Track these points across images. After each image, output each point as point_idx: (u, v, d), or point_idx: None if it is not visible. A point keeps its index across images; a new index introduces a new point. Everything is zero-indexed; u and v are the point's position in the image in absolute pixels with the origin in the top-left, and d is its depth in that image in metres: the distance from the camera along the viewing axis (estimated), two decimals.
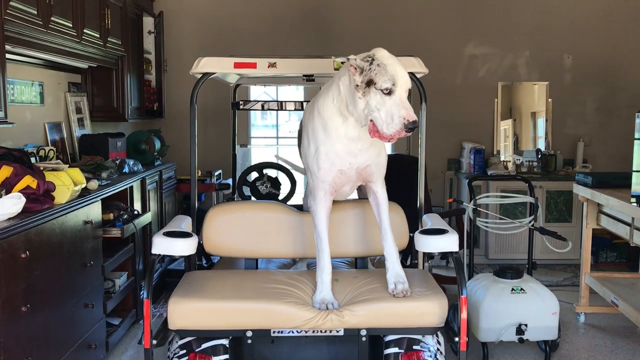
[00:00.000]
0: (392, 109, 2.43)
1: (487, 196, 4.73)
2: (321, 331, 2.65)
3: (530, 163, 6.16)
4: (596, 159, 6.33)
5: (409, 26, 6.16)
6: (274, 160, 4.77)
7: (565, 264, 5.89)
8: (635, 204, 3.58)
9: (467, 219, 4.15)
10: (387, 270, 2.74)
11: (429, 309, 2.63)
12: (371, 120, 2.51)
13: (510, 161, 6.26)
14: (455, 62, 6.29)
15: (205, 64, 3.06)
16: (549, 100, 6.32)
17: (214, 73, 3.13)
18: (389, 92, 2.44)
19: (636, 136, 3.67)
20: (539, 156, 6.17)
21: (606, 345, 4.00)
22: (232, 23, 6.16)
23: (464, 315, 2.57)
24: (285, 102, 4.45)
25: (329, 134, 2.70)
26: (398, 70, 2.46)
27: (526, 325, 3.54)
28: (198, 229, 3.21)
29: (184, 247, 2.74)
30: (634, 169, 3.65)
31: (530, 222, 4.08)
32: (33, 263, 2.70)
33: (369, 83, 2.46)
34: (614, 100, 6.34)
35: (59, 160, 3.73)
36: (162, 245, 2.71)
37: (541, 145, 6.33)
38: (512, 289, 3.62)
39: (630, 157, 3.73)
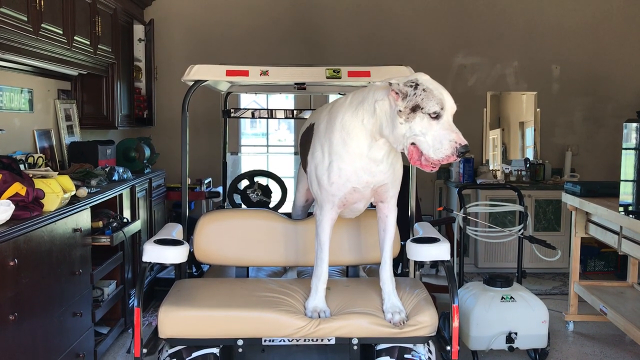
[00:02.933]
0: (440, 133, 2.35)
1: (477, 205, 4.75)
2: (312, 340, 2.64)
3: (519, 172, 6.20)
4: (584, 168, 6.39)
5: (398, 35, 6.19)
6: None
7: (554, 272, 5.92)
8: (623, 213, 3.61)
9: (457, 227, 4.16)
10: (384, 301, 2.72)
11: (421, 319, 2.63)
12: (413, 145, 2.41)
13: (499, 170, 6.30)
14: (445, 71, 6.33)
15: (197, 72, 3.06)
16: (537, 110, 6.38)
17: (205, 80, 3.13)
18: (437, 117, 2.37)
19: (624, 146, 3.71)
20: (528, 165, 6.22)
21: (595, 353, 4.02)
22: (223, 32, 6.17)
23: (455, 323, 2.57)
24: (276, 110, 4.45)
25: (350, 151, 2.61)
26: (445, 95, 2.40)
27: (516, 333, 3.56)
28: (188, 237, 3.19)
29: (175, 255, 2.72)
30: (621, 178, 3.69)
31: (520, 230, 4.10)
32: (21, 271, 2.67)
33: (415, 109, 2.38)
34: (601, 110, 6.41)
35: (48, 168, 3.70)
36: (153, 253, 2.69)
37: (529, 154, 6.38)
38: (502, 298, 3.63)
39: (617, 167, 3.77)
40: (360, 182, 2.66)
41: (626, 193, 3.64)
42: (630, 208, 3.57)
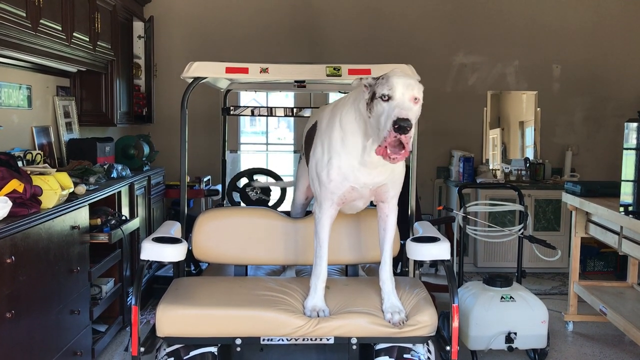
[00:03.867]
0: (388, 112, 2.31)
1: (477, 204, 4.74)
2: (311, 339, 2.63)
3: (519, 172, 6.19)
4: (584, 168, 6.38)
5: (399, 34, 6.18)
6: (256, 184, 4.65)
7: (553, 272, 5.91)
8: (623, 213, 3.60)
9: (457, 226, 4.15)
10: (384, 301, 2.71)
11: (420, 319, 2.62)
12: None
13: (499, 169, 6.29)
14: (445, 70, 6.32)
15: (197, 69, 3.04)
16: (538, 109, 6.36)
17: (205, 78, 3.11)
18: (388, 99, 2.35)
19: (625, 146, 3.70)
20: (528, 165, 6.21)
21: (594, 353, 4.01)
22: (223, 29, 6.15)
23: (455, 323, 2.56)
24: (275, 108, 4.43)
25: (348, 150, 2.61)
26: (397, 79, 2.36)
27: (515, 333, 3.54)
28: (187, 235, 3.18)
29: (174, 253, 2.70)
30: (622, 178, 3.68)
31: (519, 230, 4.09)
32: (18, 268, 2.66)
33: (373, 97, 2.39)
34: (601, 109, 6.40)
35: (46, 165, 3.69)
36: (151, 251, 2.67)
37: (530, 154, 6.37)
38: (502, 297, 3.62)
39: (617, 166, 3.76)
40: (358, 182, 2.65)
41: (627, 193, 3.63)
42: (630, 208, 3.56)
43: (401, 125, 2.23)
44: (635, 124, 3.60)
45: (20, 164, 3.47)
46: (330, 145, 2.67)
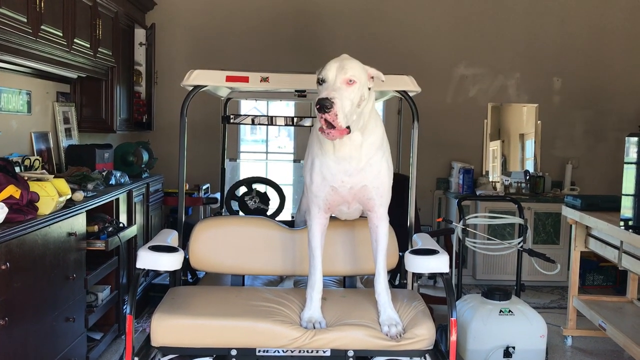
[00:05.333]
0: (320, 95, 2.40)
1: (476, 216, 4.72)
2: (308, 351, 2.59)
3: (519, 184, 6.18)
4: (584, 181, 6.36)
5: (400, 45, 6.18)
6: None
7: (552, 286, 5.88)
8: (623, 228, 3.58)
9: (456, 238, 4.13)
10: (380, 314, 2.68)
11: (418, 332, 2.59)
12: None
13: (498, 182, 6.27)
14: (446, 81, 6.32)
15: (197, 77, 3.03)
16: (538, 122, 6.35)
17: (205, 86, 3.10)
18: (322, 82, 2.44)
19: (625, 160, 3.68)
20: (527, 177, 6.19)
21: None
22: (224, 37, 6.15)
23: (453, 337, 2.53)
24: (276, 117, 4.42)
25: (324, 151, 2.66)
26: (334, 62, 2.47)
27: (514, 347, 3.52)
28: (184, 243, 3.16)
29: (170, 262, 2.68)
30: (623, 192, 3.66)
31: (519, 243, 4.07)
32: (13, 275, 2.64)
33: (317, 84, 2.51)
34: (602, 123, 6.40)
35: (44, 171, 3.67)
36: (147, 260, 2.65)
37: (530, 166, 6.35)
38: (500, 311, 3.60)
39: (617, 180, 3.75)
40: (336, 181, 2.65)
41: (627, 207, 3.61)
42: (630, 223, 3.54)
43: (321, 105, 2.34)
44: (635, 139, 3.60)
45: (18, 169, 3.45)
46: (311, 150, 2.75)
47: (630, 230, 3.48)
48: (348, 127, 2.42)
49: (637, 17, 6.33)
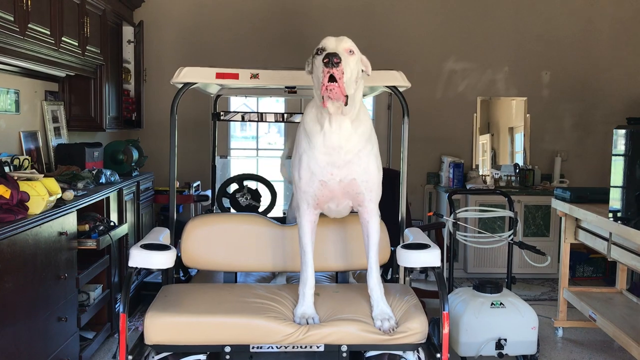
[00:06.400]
0: (321, 62, 2.42)
1: (467, 210, 4.74)
2: (301, 346, 2.61)
3: (509, 177, 6.21)
4: (573, 174, 6.41)
5: (390, 40, 6.19)
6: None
7: (543, 278, 5.93)
8: (612, 219, 3.61)
9: (447, 232, 4.15)
10: (373, 308, 2.69)
11: (411, 326, 2.61)
12: None
13: (488, 175, 6.31)
14: (436, 76, 6.34)
15: (187, 74, 3.02)
16: (527, 115, 6.39)
17: (195, 83, 3.09)
18: (322, 52, 2.47)
19: (613, 152, 3.72)
20: (517, 171, 6.23)
21: (584, 359, 4.02)
22: (213, 34, 6.13)
23: (445, 330, 2.55)
24: (266, 113, 4.42)
25: (310, 143, 2.65)
26: (332, 37, 2.53)
27: (505, 339, 3.55)
28: (176, 241, 3.15)
29: (162, 260, 2.68)
30: (611, 184, 3.70)
31: (509, 236, 4.10)
32: (4, 275, 2.62)
33: (312, 57, 2.55)
34: (590, 116, 6.45)
35: (33, 170, 3.65)
36: (139, 258, 2.64)
37: (519, 160, 6.39)
38: (492, 304, 3.63)
39: (606, 173, 3.78)
40: (325, 174, 2.64)
41: (615, 199, 3.65)
42: (619, 214, 3.58)
43: (330, 59, 2.36)
44: (623, 131, 3.63)
45: (7, 169, 3.43)
46: (299, 146, 2.74)
47: (619, 222, 3.52)
48: (346, 97, 2.44)
49: (624, 12, 6.37)
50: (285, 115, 4.45)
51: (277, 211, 4.92)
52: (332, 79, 2.37)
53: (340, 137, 2.60)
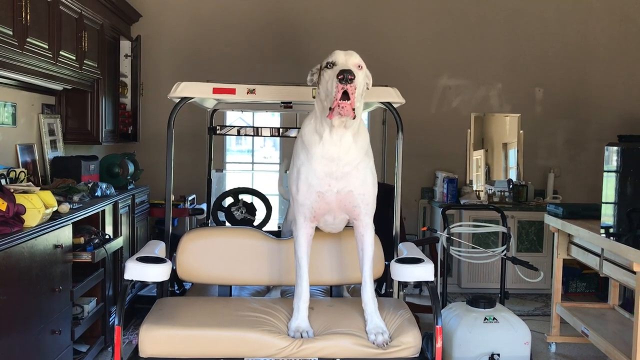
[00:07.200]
0: (333, 74, 2.45)
1: (461, 225, 4.77)
2: None
3: (502, 193, 6.25)
4: (566, 190, 6.46)
5: (385, 56, 6.25)
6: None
7: (536, 293, 5.94)
8: (604, 235, 3.64)
9: (441, 247, 4.17)
10: (367, 322, 2.71)
11: (404, 340, 2.62)
12: None
13: (482, 191, 6.35)
14: (430, 92, 6.40)
15: (184, 89, 3.05)
16: (521, 131, 6.45)
17: (192, 98, 3.12)
18: (332, 66, 2.50)
19: (605, 168, 3.76)
20: (511, 186, 6.27)
21: None
22: (209, 49, 6.18)
23: (439, 345, 2.57)
24: (261, 128, 4.45)
25: (308, 154, 2.67)
26: (341, 51, 2.57)
27: (499, 354, 3.55)
28: (171, 254, 3.16)
29: (158, 273, 2.69)
30: (603, 200, 3.73)
31: (503, 251, 4.12)
32: None
33: (321, 71, 2.57)
34: (583, 132, 6.51)
35: (30, 183, 3.66)
36: (135, 271, 2.65)
37: (513, 175, 6.44)
38: (485, 319, 3.64)
39: (598, 189, 3.82)
40: (323, 185, 2.67)
41: (607, 215, 3.68)
42: (611, 230, 3.61)
43: (344, 76, 2.39)
44: (615, 148, 3.67)
45: (3, 181, 3.44)
46: (297, 159, 2.76)
47: (611, 238, 3.55)
48: (353, 111, 2.47)
49: (616, 30, 6.46)
50: (281, 130, 4.49)
51: (272, 225, 4.93)
52: (344, 94, 2.41)
53: (340, 148, 2.63)
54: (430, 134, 6.35)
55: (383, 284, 3.36)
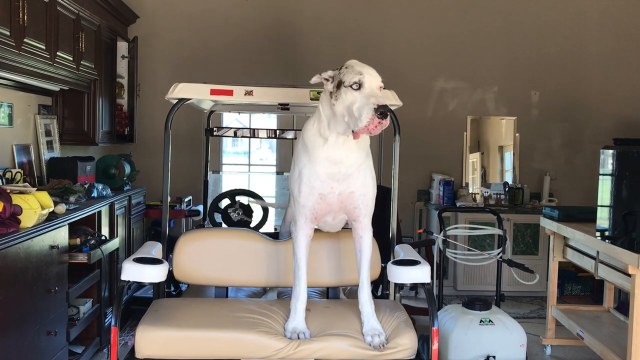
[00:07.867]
0: (362, 101, 2.42)
1: (457, 227, 4.78)
2: None
3: (498, 196, 6.27)
4: (562, 192, 6.48)
5: (382, 58, 6.24)
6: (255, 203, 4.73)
7: (532, 296, 5.96)
8: (599, 238, 3.66)
9: (437, 250, 4.18)
10: (363, 324, 2.71)
11: (400, 342, 2.63)
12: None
13: (478, 193, 6.36)
14: (426, 95, 6.41)
15: (182, 90, 3.05)
16: (517, 134, 6.47)
17: (189, 99, 3.12)
18: (359, 87, 2.46)
19: (601, 172, 3.77)
20: (507, 189, 6.29)
21: None
22: (207, 50, 6.19)
23: (435, 346, 2.57)
24: (258, 129, 4.46)
25: (311, 156, 2.67)
26: (364, 68, 2.53)
27: (494, 357, 3.56)
28: (167, 255, 3.16)
29: (155, 274, 2.69)
30: (598, 203, 3.75)
31: (498, 254, 4.14)
32: None
33: (339, 85, 2.51)
34: (579, 136, 6.54)
35: (26, 183, 3.65)
36: (131, 272, 2.65)
37: (508, 178, 6.46)
38: (481, 321, 3.65)
39: (594, 192, 3.83)
40: (325, 187, 2.67)
41: (603, 218, 3.70)
42: (606, 233, 3.62)
43: (383, 112, 2.37)
44: (610, 151, 3.68)
45: None
46: (298, 158, 2.76)
47: (606, 241, 3.56)
48: None
49: (612, 34, 6.49)
50: (278, 132, 4.49)
51: (269, 227, 4.93)
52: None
53: (343, 151, 2.63)
54: (426, 137, 6.36)
55: (379, 285, 3.36)
